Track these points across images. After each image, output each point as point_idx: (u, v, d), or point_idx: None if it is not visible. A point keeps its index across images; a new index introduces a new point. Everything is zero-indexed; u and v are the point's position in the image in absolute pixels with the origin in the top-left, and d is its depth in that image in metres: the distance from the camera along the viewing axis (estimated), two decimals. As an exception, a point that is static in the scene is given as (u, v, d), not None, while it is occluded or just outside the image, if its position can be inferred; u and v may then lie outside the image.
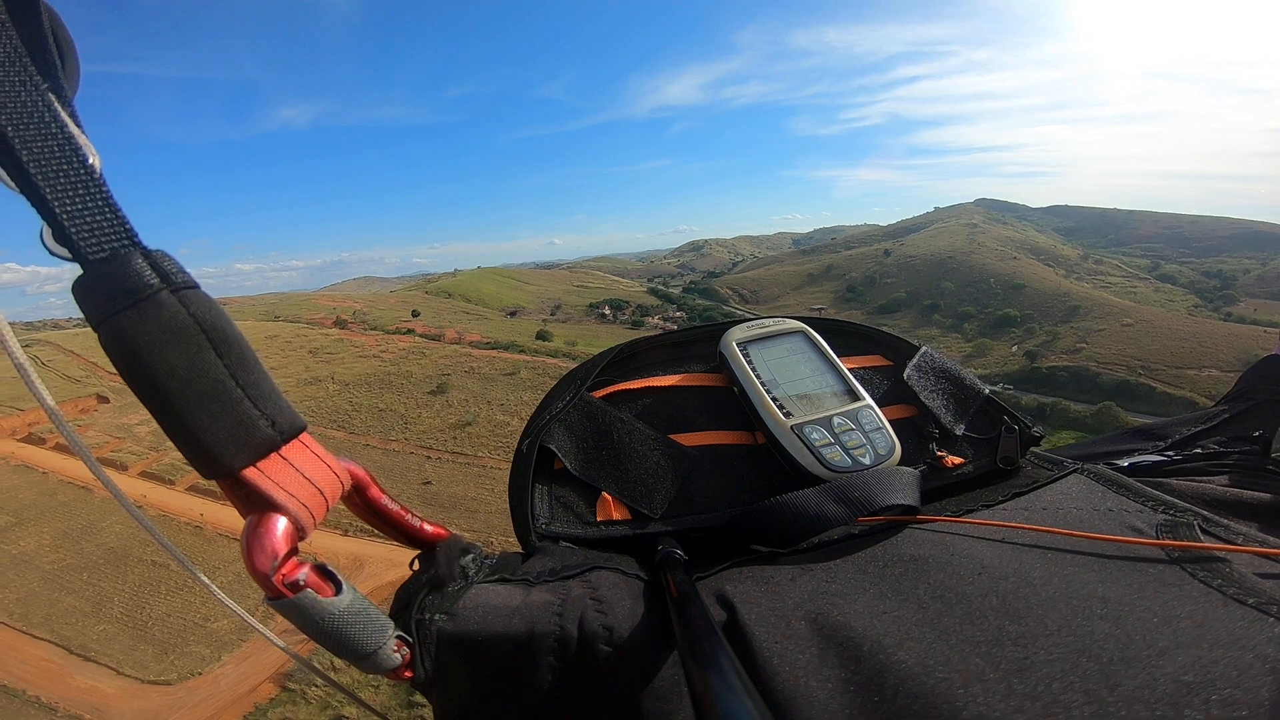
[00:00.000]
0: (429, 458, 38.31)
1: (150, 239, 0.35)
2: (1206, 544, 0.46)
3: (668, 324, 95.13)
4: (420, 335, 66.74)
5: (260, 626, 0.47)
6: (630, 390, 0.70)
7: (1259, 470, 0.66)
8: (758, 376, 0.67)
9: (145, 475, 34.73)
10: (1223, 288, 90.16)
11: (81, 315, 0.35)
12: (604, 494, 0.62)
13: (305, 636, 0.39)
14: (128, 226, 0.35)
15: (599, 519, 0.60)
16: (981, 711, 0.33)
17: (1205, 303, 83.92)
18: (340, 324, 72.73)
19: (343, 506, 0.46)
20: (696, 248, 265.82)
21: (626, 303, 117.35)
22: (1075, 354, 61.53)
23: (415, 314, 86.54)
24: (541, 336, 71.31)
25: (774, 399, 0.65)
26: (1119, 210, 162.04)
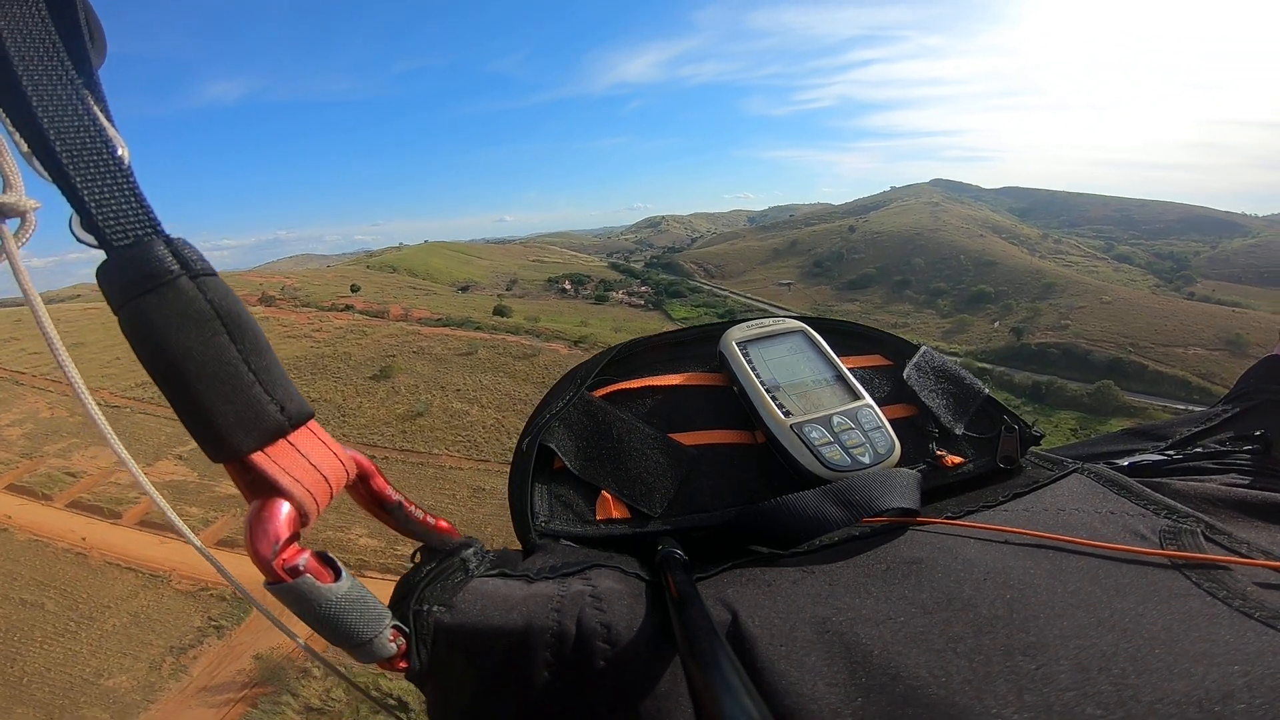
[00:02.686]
0: (374, 457, 28.01)
1: (52, 217, 0.35)
2: (1211, 555, 0.46)
3: (633, 298, 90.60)
4: (360, 312, 59.00)
5: (322, 655, 0.46)
6: (630, 389, 0.70)
7: (1261, 470, 0.66)
8: (757, 376, 0.67)
9: (14, 489, 26.47)
10: (1178, 269, 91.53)
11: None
12: (604, 493, 0.62)
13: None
14: (151, 215, 0.37)
15: (599, 518, 0.60)
16: None
17: (1165, 283, 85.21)
18: (266, 301, 63.84)
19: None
20: (654, 224, 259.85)
21: (588, 277, 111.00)
22: (1061, 330, 59.97)
23: (355, 289, 78.00)
24: (499, 312, 64.51)
25: (773, 398, 0.65)
26: (1069, 193, 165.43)
